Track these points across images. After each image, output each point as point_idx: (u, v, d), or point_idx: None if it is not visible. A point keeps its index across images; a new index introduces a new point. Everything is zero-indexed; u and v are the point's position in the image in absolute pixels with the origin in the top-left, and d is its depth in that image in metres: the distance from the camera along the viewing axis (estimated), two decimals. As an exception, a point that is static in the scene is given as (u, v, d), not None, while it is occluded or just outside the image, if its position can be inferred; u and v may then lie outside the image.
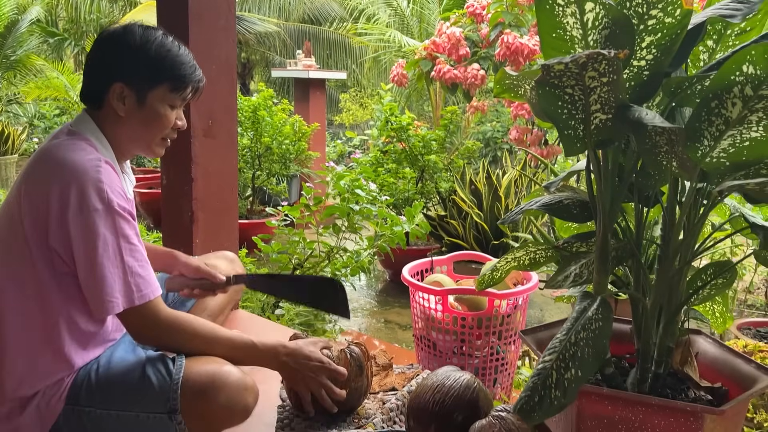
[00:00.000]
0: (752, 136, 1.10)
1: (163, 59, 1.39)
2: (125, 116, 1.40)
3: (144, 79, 1.39)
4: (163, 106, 1.42)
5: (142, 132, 1.43)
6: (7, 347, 1.36)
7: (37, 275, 1.34)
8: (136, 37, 1.39)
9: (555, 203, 1.39)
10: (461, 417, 1.35)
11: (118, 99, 1.39)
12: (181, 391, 1.32)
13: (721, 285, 1.37)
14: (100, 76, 1.41)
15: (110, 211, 1.29)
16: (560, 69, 1.08)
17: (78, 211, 1.27)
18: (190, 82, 1.43)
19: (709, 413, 1.15)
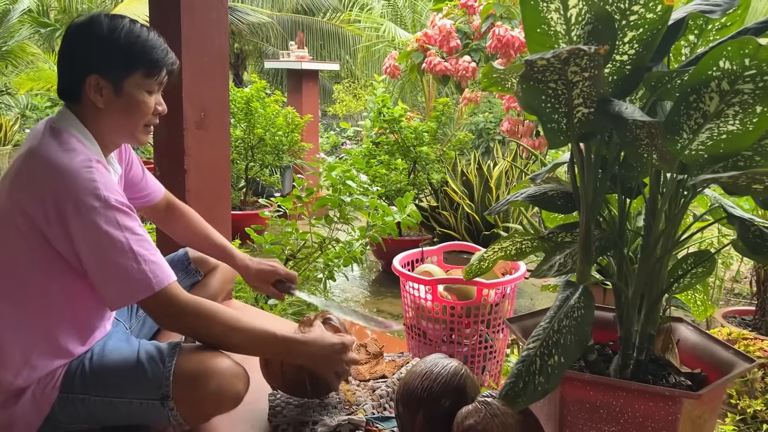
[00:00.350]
0: (729, 129, 1.14)
1: (134, 45, 1.39)
2: (104, 107, 1.40)
3: (118, 68, 1.39)
4: (140, 93, 1.42)
5: (124, 121, 1.44)
6: (5, 342, 1.38)
7: (37, 275, 1.36)
8: (104, 26, 1.38)
9: (540, 194, 1.43)
10: (449, 402, 1.39)
11: (95, 91, 1.39)
12: (173, 378, 1.35)
13: (701, 274, 1.41)
14: (73, 70, 1.40)
15: (109, 207, 1.30)
16: (543, 64, 1.11)
17: (77, 214, 1.29)
18: (163, 65, 1.43)
19: (687, 397, 1.18)
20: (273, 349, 1.46)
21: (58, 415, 1.41)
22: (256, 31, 11.11)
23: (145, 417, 1.40)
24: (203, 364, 1.38)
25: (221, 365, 1.39)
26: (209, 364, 1.38)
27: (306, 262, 3.13)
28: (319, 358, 1.48)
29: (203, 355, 1.40)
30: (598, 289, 1.63)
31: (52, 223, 1.30)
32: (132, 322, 1.73)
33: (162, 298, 1.33)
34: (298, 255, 3.14)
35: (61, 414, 1.41)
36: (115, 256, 1.30)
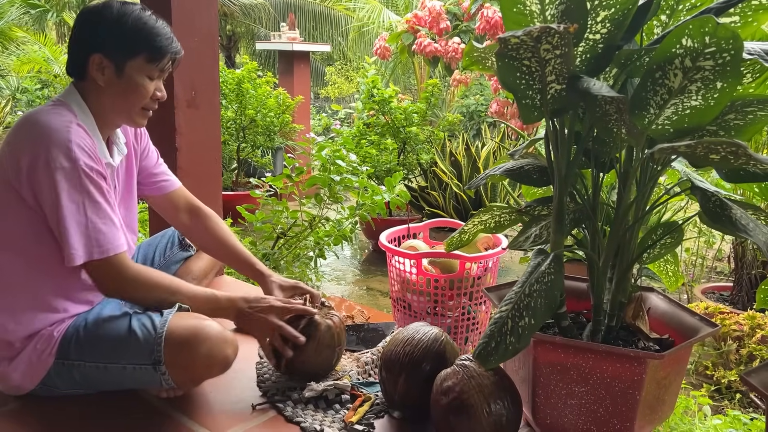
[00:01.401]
0: (692, 105, 1.20)
1: (140, 31, 1.46)
2: (105, 86, 1.48)
3: (121, 50, 1.46)
4: (140, 77, 1.49)
5: (122, 102, 1.50)
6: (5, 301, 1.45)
7: (17, 229, 1.44)
8: (114, 10, 1.46)
9: (516, 169, 1.49)
10: (429, 367, 1.46)
11: (98, 69, 1.46)
12: (165, 343, 1.42)
13: (669, 244, 1.48)
14: (80, 48, 1.48)
15: (76, 169, 1.37)
16: (516, 42, 1.16)
17: (45, 167, 1.36)
18: (167, 53, 1.50)
19: (651, 358, 1.26)
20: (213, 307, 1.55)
21: (55, 380, 1.48)
22: (248, 12, 11.06)
23: (138, 381, 1.47)
24: (194, 329, 1.44)
25: (211, 330, 1.45)
26: (200, 329, 1.44)
27: (296, 241, 3.19)
28: (244, 316, 1.55)
29: (194, 321, 1.47)
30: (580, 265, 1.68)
31: (25, 173, 1.38)
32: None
33: (104, 266, 1.42)
34: (289, 233, 3.20)
35: (58, 379, 1.48)
36: (71, 216, 1.38)
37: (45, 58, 7.04)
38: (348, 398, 1.56)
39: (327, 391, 1.56)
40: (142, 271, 1.48)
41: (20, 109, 9.28)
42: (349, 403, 1.54)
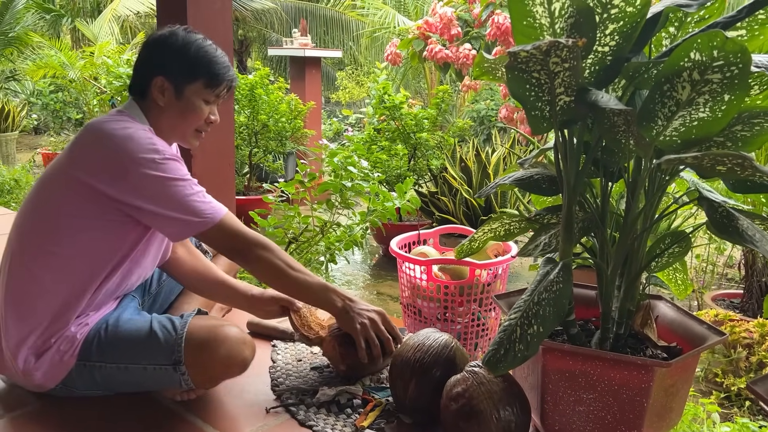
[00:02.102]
0: (700, 116, 1.22)
1: (201, 58, 1.56)
2: (164, 106, 1.56)
3: (182, 75, 1.55)
4: (198, 100, 1.57)
5: (179, 122, 1.59)
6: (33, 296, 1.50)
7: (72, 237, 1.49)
8: (179, 38, 1.57)
9: (526, 178, 1.51)
10: (439, 372, 1.48)
11: (159, 91, 1.55)
12: (185, 344, 1.46)
13: (678, 253, 1.50)
14: (145, 70, 1.57)
15: (166, 158, 1.47)
16: (525, 55, 1.19)
17: (139, 166, 1.44)
18: (223, 80, 1.59)
19: (658, 366, 1.27)
20: (321, 295, 1.61)
21: (75, 381, 1.52)
22: (260, 17, 11.15)
23: (158, 382, 1.51)
24: (213, 330, 1.49)
25: (230, 332, 1.50)
26: (219, 331, 1.49)
27: (308, 246, 3.22)
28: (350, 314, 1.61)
29: (213, 323, 1.53)
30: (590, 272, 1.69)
31: (111, 180, 1.45)
32: (144, 299, 1.83)
33: (223, 227, 1.49)
34: (300, 238, 3.23)
35: (78, 380, 1.52)
36: (179, 195, 1.46)
37: (60, 63, 7.13)
38: (359, 403, 1.58)
39: (339, 396, 1.58)
40: (259, 235, 1.57)
41: (36, 113, 9.41)
42: (360, 408, 1.57)
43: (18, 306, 1.51)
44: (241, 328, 1.54)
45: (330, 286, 1.62)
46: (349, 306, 1.61)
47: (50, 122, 8.63)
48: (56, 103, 8.23)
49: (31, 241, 1.53)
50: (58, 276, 1.50)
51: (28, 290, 1.51)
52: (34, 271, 1.51)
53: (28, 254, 1.52)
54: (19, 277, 1.52)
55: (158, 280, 1.88)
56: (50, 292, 1.50)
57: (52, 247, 1.50)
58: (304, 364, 1.80)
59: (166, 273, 1.86)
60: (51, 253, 1.50)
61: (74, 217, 1.49)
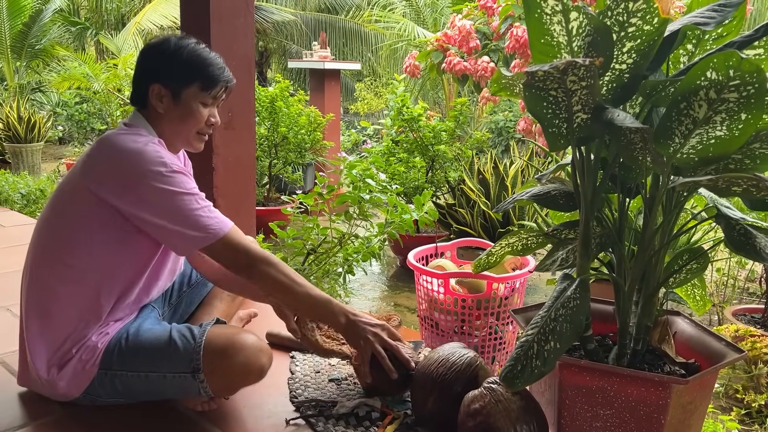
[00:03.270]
0: (717, 135, 1.22)
1: (194, 61, 1.58)
2: (164, 113, 1.59)
3: (178, 80, 1.57)
4: (195, 104, 1.59)
5: (180, 127, 1.61)
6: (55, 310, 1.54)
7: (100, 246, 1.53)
8: (171, 44, 1.58)
9: (543, 194, 1.52)
10: (461, 389, 1.49)
11: (157, 98, 1.58)
12: (203, 352, 1.49)
13: (695, 269, 1.50)
14: (142, 79, 1.60)
15: (173, 171, 1.49)
16: (542, 74, 1.20)
17: (146, 179, 1.46)
18: (219, 82, 1.60)
19: (676, 383, 1.27)
20: (325, 310, 1.58)
21: (98, 390, 1.55)
22: (280, 29, 11.28)
23: (178, 390, 1.54)
24: (231, 339, 1.52)
25: (248, 340, 1.52)
26: (237, 339, 1.52)
27: (326, 257, 3.25)
28: (355, 329, 1.58)
29: (231, 331, 1.56)
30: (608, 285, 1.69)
31: (119, 193, 1.48)
32: (164, 309, 1.87)
33: (228, 242, 1.50)
34: (319, 250, 3.26)
35: (101, 389, 1.55)
36: (185, 209, 1.47)
37: (85, 74, 7.27)
38: (378, 416, 1.60)
39: (358, 408, 1.60)
40: (264, 250, 1.56)
41: (60, 123, 9.58)
42: (378, 421, 1.58)
43: (39, 318, 1.55)
44: (258, 337, 1.56)
45: (334, 300, 1.60)
46: (352, 321, 1.59)
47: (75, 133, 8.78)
48: (81, 114, 8.38)
49: (47, 253, 1.57)
50: (75, 288, 1.54)
51: (48, 302, 1.55)
52: (51, 283, 1.54)
53: (46, 267, 1.57)
54: (38, 289, 1.56)
55: (179, 291, 1.92)
56: (69, 304, 1.54)
57: (68, 260, 1.54)
58: (322, 375, 1.82)
59: (197, 271, 1.90)
60: (67, 266, 1.54)
61: (87, 229, 1.52)
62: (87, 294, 1.54)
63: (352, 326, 1.59)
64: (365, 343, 1.58)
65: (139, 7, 10.86)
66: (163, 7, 9.53)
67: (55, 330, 1.54)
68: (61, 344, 1.54)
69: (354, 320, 1.59)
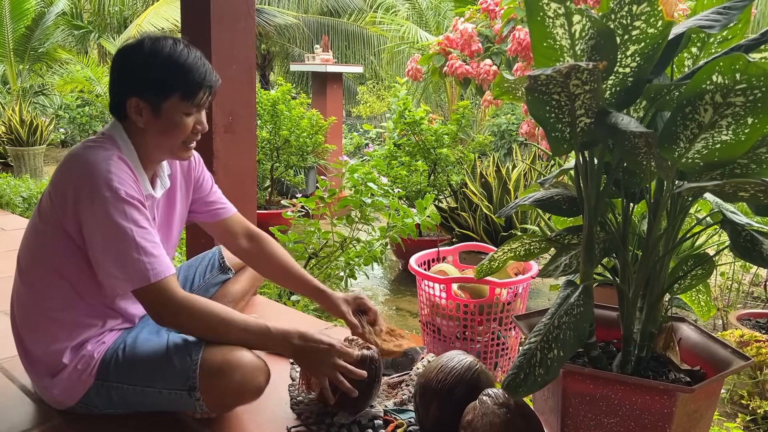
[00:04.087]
0: (723, 139, 1.20)
1: (170, 71, 1.46)
2: (144, 126, 1.50)
3: (155, 92, 1.46)
4: (178, 115, 1.49)
5: (163, 140, 1.52)
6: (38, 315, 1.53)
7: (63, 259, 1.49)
8: (144, 51, 1.46)
9: (546, 199, 1.50)
10: (461, 395, 1.47)
11: (136, 112, 1.48)
12: (200, 370, 1.45)
13: (700, 275, 1.48)
14: (117, 91, 1.51)
15: (118, 198, 1.39)
16: (545, 78, 1.19)
17: (89, 201, 1.40)
18: (200, 88, 1.49)
19: (681, 391, 1.25)
20: (265, 341, 1.51)
21: (94, 400, 1.54)
22: (282, 32, 11.28)
23: (174, 405, 1.52)
24: (228, 357, 1.47)
25: (245, 359, 1.48)
26: (233, 357, 1.47)
27: (328, 261, 3.23)
28: (303, 353, 1.51)
29: (228, 349, 1.49)
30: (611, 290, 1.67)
31: (68, 210, 1.43)
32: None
33: (157, 290, 1.40)
34: (320, 254, 3.24)
35: (97, 399, 1.53)
36: (118, 244, 1.39)
37: (87, 78, 7.28)
38: (381, 423, 1.58)
39: (360, 416, 1.58)
40: (195, 298, 1.47)
41: (63, 126, 9.60)
42: (381, 429, 1.56)
43: (28, 330, 1.54)
44: (256, 354, 1.51)
45: (274, 329, 1.50)
46: (298, 346, 1.49)
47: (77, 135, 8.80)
48: (83, 117, 8.39)
49: (26, 263, 1.55)
50: (62, 296, 1.51)
51: (35, 312, 1.53)
52: (39, 288, 1.53)
53: (25, 276, 1.55)
54: (25, 299, 1.55)
55: None
56: (55, 311, 1.51)
57: (43, 273, 1.51)
58: (322, 382, 1.80)
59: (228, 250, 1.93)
60: (54, 272, 1.51)
61: (67, 236, 1.46)
62: (74, 303, 1.51)
63: (301, 353, 1.50)
64: (318, 368, 1.51)
65: (141, 9, 10.88)
66: (165, 10, 9.53)
67: (34, 341, 1.52)
68: (43, 354, 1.52)
69: (300, 346, 1.50)
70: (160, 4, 9.78)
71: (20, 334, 1.56)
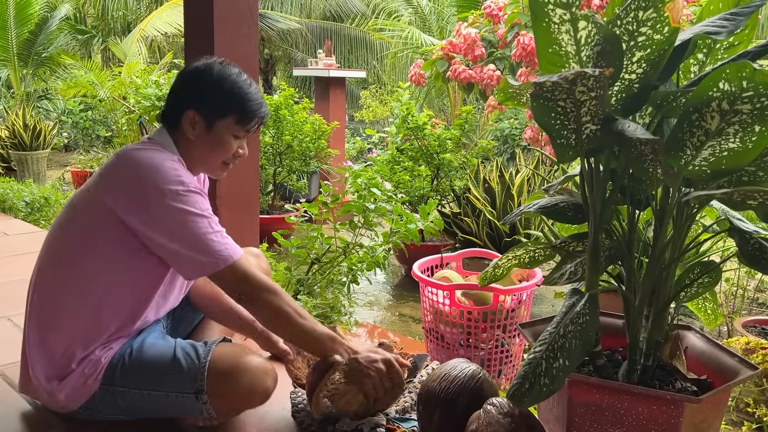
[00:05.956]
0: (730, 147, 1.19)
1: (234, 95, 1.56)
2: (194, 139, 1.57)
3: (214, 110, 1.55)
4: (228, 135, 1.57)
5: (207, 155, 1.60)
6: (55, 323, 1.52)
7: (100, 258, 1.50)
8: (214, 73, 1.56)
9: (551, 206, 1.49)
10: (464, 403, 1.46)
11: (190, 124, 1.56)
12: (207, 373, 1.46)
13: (707, 284, 1.46)
14: (178, 103, 1.58)
15: (190, 191, 1.47)
16: (551, 85, 1.18)
17: (162, 197, 1.44)
18: (255, 117, 1.59)
19: (688, 401, 1.24)
20: (327, 347, 1.53)
21: (98, 405, 1.53)
22: (285, 37, 11.30)
23: (180, 409, 1.51)
24: (236, 360, 1.48)
25: (253, 362, 1.49)
26: (241, 360, 1.48)
27: (330, 266, 3.22)
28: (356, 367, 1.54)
29: (236, 352, 1.52)
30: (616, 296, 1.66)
31: (134, 210, 1.46)
32: (169, 321, 1.84)
33: (236, 270, 1.46)
34: (323, 259, 3.23)
35: (101, 404, 1.52)
36: (197, 231, 1.45)
37: (90, 82, 7.29)
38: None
39: (362, 425, 1.57)
40: (271, 282, 1.53)
41: (66, 131, 9.60)
42: (382, 437, 1.55)
43: (39, 328, 1.53)
44: (264, 358, 1.53)
45: (336, 337, 1.55)
46: (354, 359, 1.53)
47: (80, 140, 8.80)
48: (86, 122, 8.40)
49: (56, 265, 1.55)
50: (77, 303, 1.51)
51: (49, 313, 1.52)
52: (55, 293, 1.52)
53: (51, 277, 1.54)
54: (41, 298, 1.54)
55: (185, 303, 1.89)
56: (69, 317, 1.51)
57: (73, 273, 1.51)
58: (325, 389, 1.79)
59: None
60: (71, 278, 1.51)
61: (94, 244, 1.50)
62: (88, 310, 1.51)
63: (354, 365, 1.53)
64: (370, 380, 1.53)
65: (145, 14, 10.90)
66: (168, 15, 9.55)
67: (54, 341, 1.52)
68: (60, 356, 1.51)
69: (355, 358, 1.54)
70: (164, 9, 9.80)
71: (42, 335, 1.54)
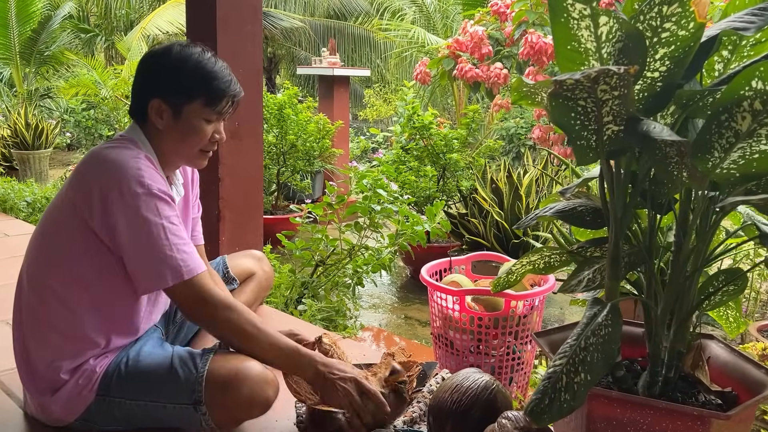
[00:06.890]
0: (762, 149, 1.13)
1: (197, 76, 1.47)
2: (164, 129, 1.49)
3: (179, 95, 1.47)
4: (198, 120, 1.49)
5: (180, 145, 1.52)
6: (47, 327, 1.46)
7: (76, 263, 1.44)
8: (172, 56, 1.47)
9: (569, 210, 1.43)
10: (477, 415, 1.40)
11: (157, 114, 1.48)
12: (205, 383, 1.40)
13: (732, 292, 1.40)
14: (141, 93, 1.50)
15: (150, 194, 1.38)
16: (572, 83, 1.11)
17: (120, 198, 1.36)
18: (224, 96, 1.50)
19: (716, 418, 1.18)
20: (291, 361, 1.47)
21: (94, 416, 1.47)
22: (288, 35, 11.25)
23: (178, 421, 1.45)
24: (235, 369, 1.42)
25: (252, 371, 1.43)
26: (241, 369, 1.42)
27: (335, 269, 3.16)
28: (325, 381, 1.47)
29: (235, 361, 1.45)
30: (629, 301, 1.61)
31: (95, 211, 1.38)
32: (169, 328, 1.78)
33: (191, 287, 1.38)
34: (328, 261, 3.18)
35: (97, 415, 1.47)
36: (151, 240, 1.36)
37: (93, 80, 7.24)
38: (390, 445, 1.51)
39: (368, 437, 1.51)
40: (230, 298, 1.45)
41: (68, 130, 9.57)
42: (391, 450, 1.49)
43: (30, 340, 1.48)
44: (264, 366, 1.46)
45: (302, 350, 1.48)
46: (321, 373, 1.46)
47: (83, 139, 8.77)
48: (88, 121, 8.36)
49: (36, 273, 1.49)
50: (58, 315, 1.45)
51: (38, 324, 1.47)
52: (37, 306, 1.46)
53: (35, 287, 1.48)
54: (28, 309, 1.49)
55: None
56: (52, 328, 1.45)
57: (51, 282, 1.45)
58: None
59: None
60: (50, 288, 1.45)
61: (71, 251, 1.43)
62: (68, 320, 1.45)
63: (322, 379, 1.46)
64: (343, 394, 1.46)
65: (148, 12, 10.86)
66: (170, 13, 9.51)
67: (36, 353, 1.46)
68: (45, 368, 1.45)
69: (322, 373, 1.46)
70: (166, 7, 9.76)
71: (27, 346, 1.49)
